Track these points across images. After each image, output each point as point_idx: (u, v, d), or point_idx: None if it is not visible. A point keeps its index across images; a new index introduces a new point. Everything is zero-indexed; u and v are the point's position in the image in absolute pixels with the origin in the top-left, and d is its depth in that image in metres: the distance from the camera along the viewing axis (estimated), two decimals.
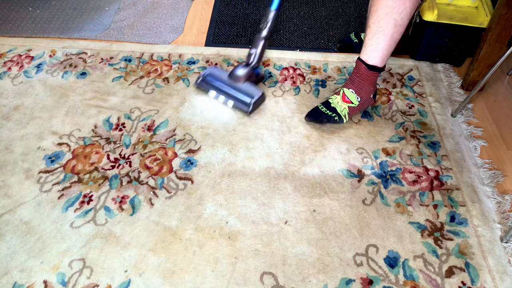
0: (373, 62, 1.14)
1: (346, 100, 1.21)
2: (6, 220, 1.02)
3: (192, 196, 1.08)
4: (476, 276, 0.94)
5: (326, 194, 1.09)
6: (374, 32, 1.09)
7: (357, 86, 1.20)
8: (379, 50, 1.11)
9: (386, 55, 1.13)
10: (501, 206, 1.07)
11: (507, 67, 1.47)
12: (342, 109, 1.21)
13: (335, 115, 1.22)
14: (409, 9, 1.05)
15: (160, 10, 1.73)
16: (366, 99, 1.22)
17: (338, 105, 1.22)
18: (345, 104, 1.21)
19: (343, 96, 1.21)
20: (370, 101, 1.24)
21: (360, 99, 1.21)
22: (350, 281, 0.93)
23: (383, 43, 1.10)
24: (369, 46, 1.12)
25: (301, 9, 1.73)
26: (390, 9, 1.04)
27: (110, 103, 1.32)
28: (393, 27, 1.06)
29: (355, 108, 1.23)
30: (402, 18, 1.05)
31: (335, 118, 1.22)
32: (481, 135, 1.26)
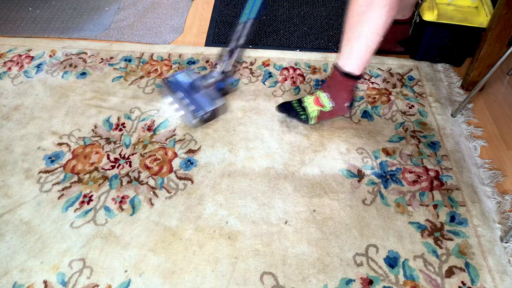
0: (349, 70, 1.11)
1: (318, 103, 1.20)
2: (6, 220, 1.02)
3: (192, 196, 1.08)
4: (476, 276, 0.94)
5: (326, 194, 1.09)
6: (348, 39, 1.07)
7: (333, 92, 1.18)
8: (354, 57, 1.09)
9: (361, 63, 1.10)
10: (501, 206, 1.07)
11: (507, 67, 1.47)
12: (312, 111, 1.20)
13: (303, 113, 1.21)
14: (384, 17, 1.00)
15: (160, 10, 1.73)
16: (340, 107, 1.20)
17: (309, 106, 1.21)
18: (316, 107, 1.20)
19: (316, 99, 1.20)
20: (344, 109, 1.21)
21: (334, 105, 1.19)
22: (350, 281, 0.93)
23: (358, 51, 1.07)
24: (344, 53, 1.10)
25: (301, 9, 1.73)
26: (363, 17, 1.01)
27: (110, 103, 1.32)
28: (367, 35, 1.04)
29: (326, 113, 1.21)
30: (376, 27, 1.02)
31: (302, 117, 1.21)
32: (481, 135, 1.26)
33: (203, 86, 1.23)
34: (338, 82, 1.15)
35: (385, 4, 0.98)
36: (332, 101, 1.18)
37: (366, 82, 1.41)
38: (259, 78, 1.41)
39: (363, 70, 1.13)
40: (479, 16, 1.36)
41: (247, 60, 1.48)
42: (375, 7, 0.98)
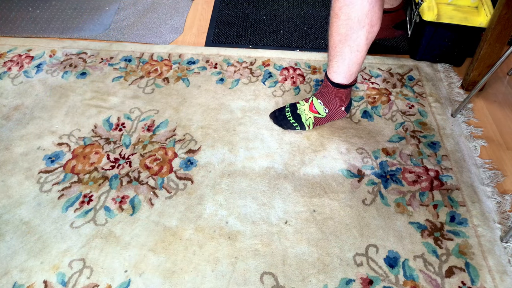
0: (338, 81, 1.12)
1: (313, 110, 1.20)
2: (6, 220, 1.02)
3: (192, 196, 1.08)
4: (476, 276, 0.94)
5: (326, 194, 1.09)
6: (333, 55, 1.08)
7: (326, 99, 1.18)
8: (341, 71, 1.09)
9: (349, 75, 1.10)
10: (501, 206, 1.07)
11: (507, 67, 1.47)
12: (307, 118, 1.20)
13: (296, 124, 1.21)
14: (364, 37, 1.01)
15: (160, 10, 1.73)
16: (336, 112, 1.20)
17: (304, 113, 1.21)
18: (311, 113, 1.20)
19: (310, 105, 1.20)
20: (340, 113, 1.21)
21: (329, 111, 1.19)
22: (350, 281, 0.93)
23: (343, 66, 1.08)
24: (331, 67, 1.10)
25: (301, 9, 1.73)
26: (343, 37, 1.02)
27: (110, 103, 1.32)
28: (349, 53, 1.04)
29: (322, 119, 1.22)
30: (357, 45, 1.02)
31: (296, 128, 1.22)
32: (481, 135, 1.26)
33: None
34: (331, 92, 1.16)
35: (364, 25, 0.99)
36: (326, 108, 1.19)
37: (366, 82, 1.41)
38: (259, 78, 1.41)
39: (354, 78, 1.13)
40: (479, 16, 1.36)
41: (247, 60, 1.48)
42: (354, 28, 0.99)
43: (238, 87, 1.38)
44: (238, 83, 1.39)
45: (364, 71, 1.44)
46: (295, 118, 1.22)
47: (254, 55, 1.50)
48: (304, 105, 1.22)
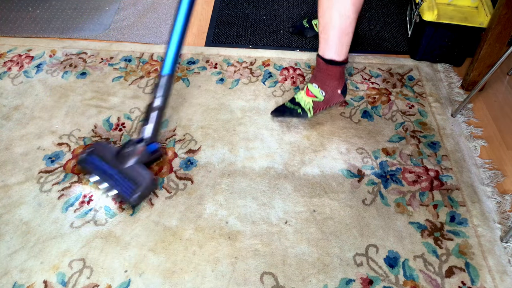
0: (330, 57, 1.13)
1: (310, 95, 1.21)
2: (6, 220, 1.02)
3: (192, 196, 1.08)
4: (476, 276, 0.94)
5: (326, 194, 1.09)
6: (323, 26, 1.09)
7: (320, 81, 1.19)
8: (332, 44, 1.10)
9: (340, 49, 1.11)
10: (501, 206, 1.07)
11: (507, 67, 1.47)
12: (306, 103, 1.21)
13: (298, 107, 1.22)
14: None
15: (160, 10, 1.73)
16: (332, 94, 1.21)
17: (302, 100, 1.22)
18: (309, 98, 1.21)
19: (307, 91, 1.22)
20: (338, 97, 1.23)
21: (325, 93, 1.20)
22: (350, 281, 0.93)
23: (333, 36, 1.09)
24: (322, 40, 1.12)
25: (301, 9, 1.73)
26: (331, 2, 1.04)
27: (110, 103, 1.32)
28: (339, 19, 1.05)
29: (320, 103, 1.22)
30: (346, 8, 1.03)
31: (298, 111, 1.22)
32: (481, 135, 1.26)
33: (128, 157, 1.04)
34: (324, 71, 1.16)
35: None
36: (322, 90, 1.19)
37: (366, 82, 1.41)
38: (259, 78, 1.41)
39: (345, 55, 1.14)
40: (479, 16, 1.36)
41: (247, 60, 1.48)
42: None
43: (238, 87, 1.38)
44: (238, 83, 1.39)
45: (364, 71, 1.44)
46: (295, 105, 1.23)
47: (254, 55, 1.50)
48: (301, 93, 1.24)
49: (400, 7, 1.74)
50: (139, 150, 1.05)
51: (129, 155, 1.04)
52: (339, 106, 1.30)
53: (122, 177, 1.03)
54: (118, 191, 1.02)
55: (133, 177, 1.03)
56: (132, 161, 1.04)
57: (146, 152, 1.06)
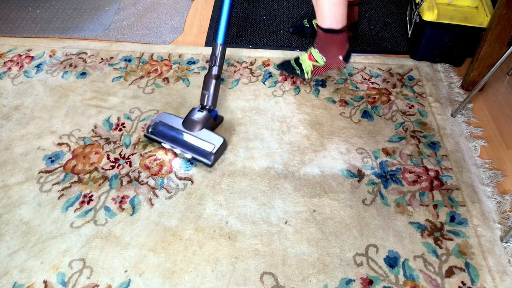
0: (327, 26, 1.18)
1: (311, 59, 1.29)
2: (6, 220, 1.02)
3: (192, 196, 1.08)
4: (476, 276, 0.94)
5: (326, 194, 1.09)
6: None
7: (321, 47, 1.25)
8: (327, 14, 1.15)
9: (334, 18, 1.16)
10: (501, 206, 1.07)
11: (507, 67, 1.47)
12: (307, 66, 1.31)
13: (298, 69, 1.33)
14: None
15: (160, 10, 1.73)
16: (333, 60, 1.27)
17: (304, 62, 1.31)
18: (310, 62, 1.30)
19: (309, 55, 1.30)
20: (338, 62, 1.28)
21: (326, 59, 1.26)
22: (350, 281, 0.93)
23: (327, 7, 1.14)
24: (318, 12, 1.17)
25: (301, 9, 1.73)
26: None
27: (110, 103, 1.32)
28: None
29: (320, 68, 1.30)
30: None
31: (297, 72, 1.34)
32: (481, 135, 1.26)
33: (197, 123, 1.14)
34: (323, 39, 1.22)
35: None
36: (323, 56, 1.26)
37: (366, 82, 1.41)
38: (259, 78, 1.41)
39: (343, 23, 1.18)
40: (479, 16, 1.36)
41: (247, 60, 1.48)
42: None
43: (238, 87, 1.38)
44: (238, 83, 1.39)
45: (364, 71, 1.45)
46: (297, 65, 1.33)
47: (254, 55, 1.50)
48: (304, 55, 1.32)
49: (400, 7, 1.74)
50: (205, 116, 1.14)
51: (196, 122, 1.13)
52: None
53: (194, 142, 1.12)
54: (192, 154, 1.11)
55: (205, 141, 1.12)
56: (200, 126, 1.13)
57: (210, 118, 1.16)
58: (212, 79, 1.15)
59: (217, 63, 1.15)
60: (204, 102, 1.16)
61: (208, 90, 1.15)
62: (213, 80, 1.15)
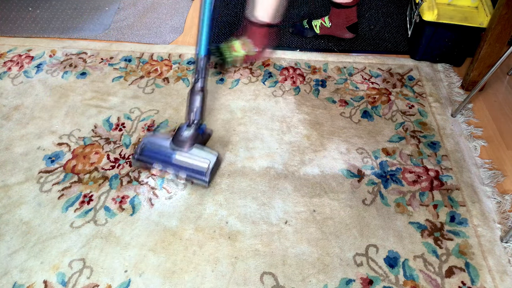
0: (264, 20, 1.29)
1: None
2: (6, 220, 1.02)
3: (192, 196, 1.08)
4: (476, 276, 0.94)
5: (326, 194, 1.09)
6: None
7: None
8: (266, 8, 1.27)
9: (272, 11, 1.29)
10: (501, 206, 1.07)
11: (507, 67, 1.47)
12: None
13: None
14: None
15: (160, 10, 1.73)
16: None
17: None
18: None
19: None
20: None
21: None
22: (350, 281, 0.93)
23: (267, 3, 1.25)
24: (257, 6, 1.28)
25: (301, 9, 1.73)
26: None
27: (110, 103, 1.32)
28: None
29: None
30: None
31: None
32: (481, 135, 1.26)
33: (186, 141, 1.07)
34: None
35: None
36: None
37: (366, 82, 1.41)
38: (259, 78, 1.41)
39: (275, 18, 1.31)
40: (479, 16, 1.36)
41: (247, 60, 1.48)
42: None
43: (238, 87, 1.38)
44: (238, 83, 1.39)
45: (364, 71, 1.45)
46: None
47: None
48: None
49: (400, 7, 1.74)
50: (194, 133, 1.08)
51: (186, 139, 1.07)
52: None
53: (186, 160, 1.07)
54: (187, 174, 1.07)
55: (198, 158, 1.06)
56: (190, 143, 1.07)
57: (198, 134, 1.10)
58: (198, 94, 1.10)
59: (201, 75, 1.10)
60: (192, 117, 1.10)
61: (195, 105, 1.10)
62: (199, 94, 1.10)
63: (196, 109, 1.10)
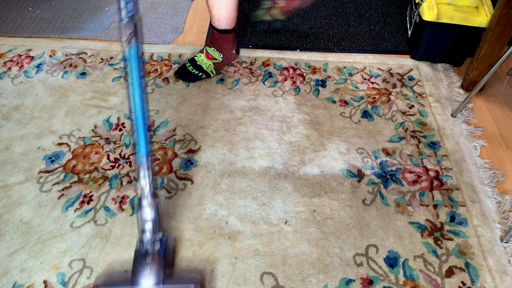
0: (223, 27, 1.30)
1: (210, 57, 1.37)
2: (6, 220, 1.02)
3: (192, 196, 1.08)
4: (476, 276, 0.94)
5: (326, 194, 1.09)
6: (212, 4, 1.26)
7: (217, 45, 1.36)
8: (222, 19, 1.28)
9: (230, 21, 1.30)
10: (501, 206, 1.07)
11: (507, 67, 1.47)
12: (208, 65, 1.37)
13: (202, 74, 1.37)
14: None
15: (160, 10, 1.72)
16: (229, 55, 1.40)
17: (203, 62, 1.37)
18: (209, 61, 1.37)
19: (207, 54, 1.37)
20: (233, 56, 1.42)
21: (223, 55, 1.37)
22: (350, 281, 0.93)
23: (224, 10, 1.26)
24: (213, 16, 1.29)
25: (301, 9, 1.73)
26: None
27: (110, 103, 1.32)
28: None
29: (220, 64, 1.39)
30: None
31: (202, 76, 1.38)
32: (481, 135, 1.26)
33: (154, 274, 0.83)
34: (219, 38, 1.34)
35: None
36: (220, 53, 1.37)
37: (366, 82, 1.41)
38: (259, 78, 1.41)
39: (234, 23, 1.32)
40: (479, 16, 1.36)
41: (247, 60, 1.48)
42: None
43: (238, 87, 1.38)
44: (238, 83, 1.39)
45: (364, 71, 1.45)
46: (198, 69, 1.37)
47: (254, 55, 1.50)
48: (201, 56, 1.38)
49: (400, 7, 1.74)
50: (158, 260, 0.84)
51: (153, 272, 0.83)
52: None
53: None
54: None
55: None
56: (160, 276, 0.83)
57: (161, 257, 0.85)
58: (149, 205, 0.85)
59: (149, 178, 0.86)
60: (148, 237, 0.85)
61: (147, 221, 0.85)
62: (150, 206, 0.85)
63: (149, 226, 0.85)
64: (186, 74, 1.38)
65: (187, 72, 1.37)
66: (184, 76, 1.38)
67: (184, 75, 1.38)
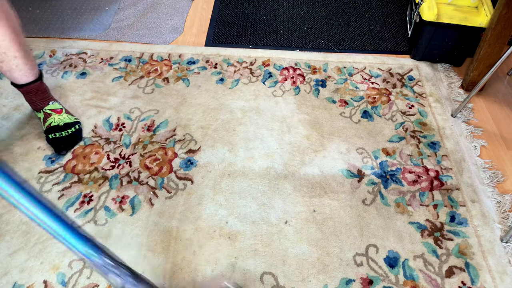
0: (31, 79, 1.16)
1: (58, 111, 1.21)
2: (6, 220, 1.02)
3: (192, 196, 1.08)
4: (476, 276, 0.94)
5: (326, 194, 1.09)
6: None
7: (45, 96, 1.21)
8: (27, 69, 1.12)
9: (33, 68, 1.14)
10: (501, 206, 1.07)
11: (507, 67, 1.47)
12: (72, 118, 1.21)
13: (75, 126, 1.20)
14: None
15: (160, 10, 1.72)
16: None
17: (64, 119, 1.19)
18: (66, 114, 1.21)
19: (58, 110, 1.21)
20: None
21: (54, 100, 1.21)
22: (350, 281, 0.93)
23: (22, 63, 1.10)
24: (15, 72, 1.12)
25: (301, 9, 1.73)
26: None
27: (110, 103, 1.32)
28: None
29: None
30: None
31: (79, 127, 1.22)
32: (481, 135, 1.26)
33: None
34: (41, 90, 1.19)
35: None
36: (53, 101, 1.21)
37: (366, 82, 1.41)
38: (259, 78, 1.41)
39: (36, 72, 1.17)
40: (479, 16, 1.36)
41: (247, 60, 1.48)
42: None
43: (238, 87, 1.38)
44: (238, 83, 1.39)
45: (364, 71, 1.44)
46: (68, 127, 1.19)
47: (254, 55, 1.50)
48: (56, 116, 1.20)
49: (400, 7, 1.74)
50: None
51: None
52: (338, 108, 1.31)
53: None
54: None
55: None
56: None
57: None
58: None
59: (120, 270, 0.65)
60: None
61: None
62: None
63: None
64: (72, 140, 1.19)
65: (71, 137, 1.18)
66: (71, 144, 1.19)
67: (70, 143, 1.19)
